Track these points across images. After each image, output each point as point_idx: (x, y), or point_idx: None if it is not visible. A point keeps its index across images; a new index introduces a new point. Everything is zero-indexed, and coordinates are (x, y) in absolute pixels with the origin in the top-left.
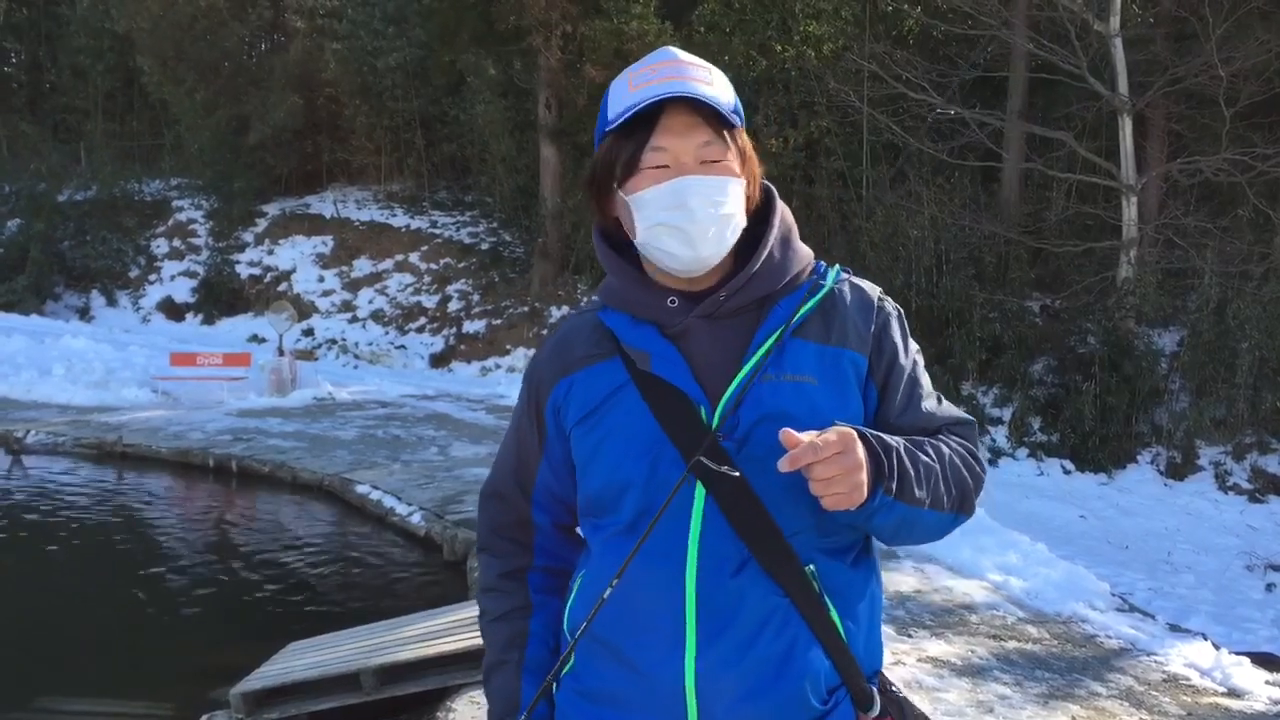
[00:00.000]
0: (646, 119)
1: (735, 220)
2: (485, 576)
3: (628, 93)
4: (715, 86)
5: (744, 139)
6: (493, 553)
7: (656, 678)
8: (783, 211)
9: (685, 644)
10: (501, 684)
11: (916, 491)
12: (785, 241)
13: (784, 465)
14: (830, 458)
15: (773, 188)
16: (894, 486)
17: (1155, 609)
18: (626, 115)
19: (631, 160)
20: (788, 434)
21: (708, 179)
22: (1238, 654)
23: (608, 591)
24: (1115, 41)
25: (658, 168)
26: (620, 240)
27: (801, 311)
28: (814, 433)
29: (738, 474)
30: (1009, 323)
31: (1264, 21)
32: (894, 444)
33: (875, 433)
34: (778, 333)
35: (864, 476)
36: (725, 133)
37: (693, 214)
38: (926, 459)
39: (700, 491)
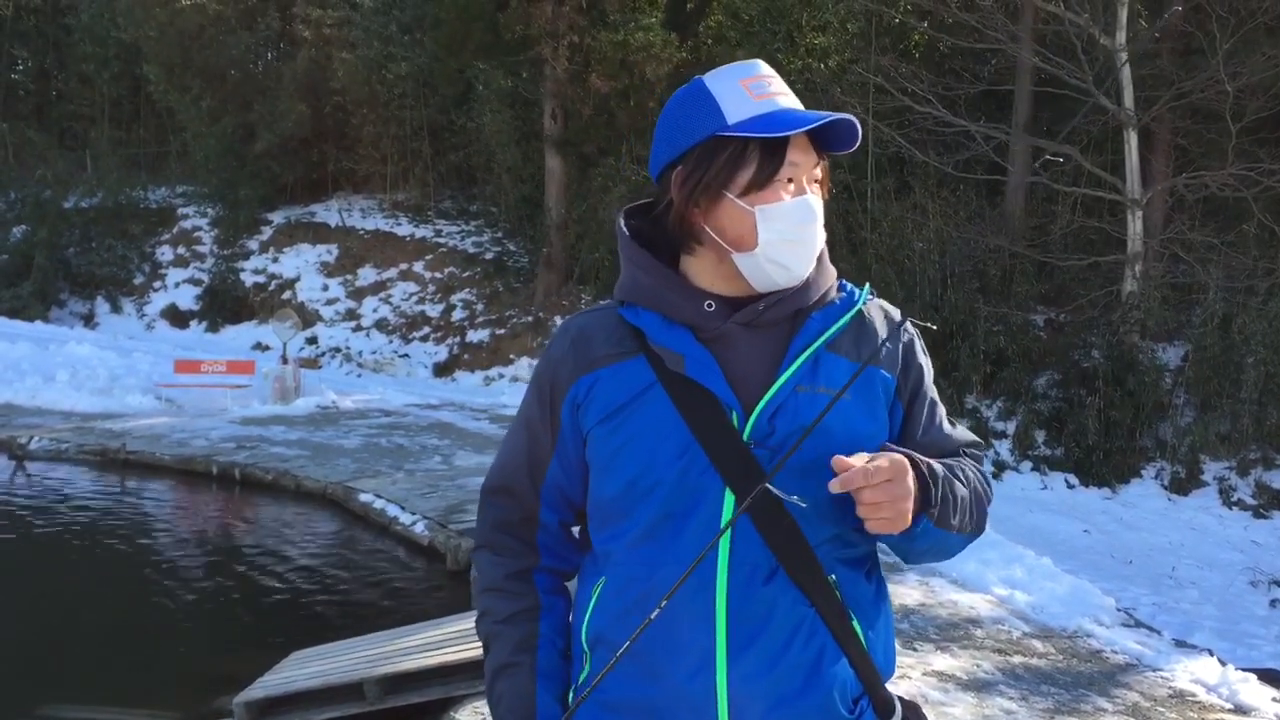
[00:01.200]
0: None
1: None
2: (489, 576)
3: (749, 100)
4: None
5: (825, 165)
6: (495, 550)
7: (687, 687)
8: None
9: (716, 653)
10: (513, 687)
11: (953, 519)
12: (819, 259)
13: (835, 486)
14: (880, 485)
15: None
16: (936, 514)
17: (1159, 624)
18: (791, 129)
19: (769, 171)
20: (839, 459)
21: (821, 201)
22: (1243, 670)
23: (655, 613)
24: (1121, 56)
25: (789, 182)
26: (648, 240)
27: (836, 327)
28: (865, 456)
29: (805, 504)
30: (1013, 336)
31: (1271, 37)
32: (940, 472)
33: (926, 459)
34: (813, 346)
35: (910, 505)
36: (821, 161)
37: (816, 233)
38: (962, 486)
39: (730, 500)
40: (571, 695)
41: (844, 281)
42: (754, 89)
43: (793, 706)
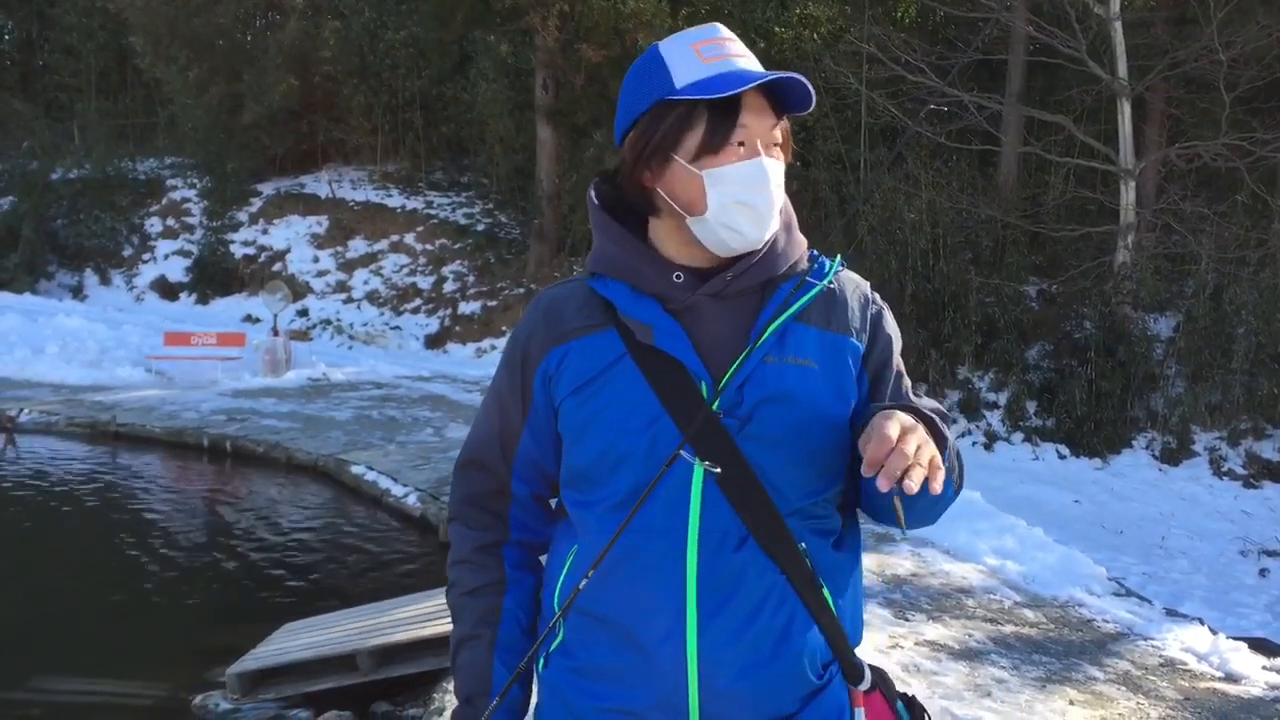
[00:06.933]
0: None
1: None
2: (459, 548)
3: (699, 63)
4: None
5: (786, 127)
6: (467, 524)
7: (658, 653)
8: (786, 200)
9: (686, 619)
10: (472, 660)
11: (951, 461)
12: (788, 229)
13: (869, 469)
14: (903, 438)
15: None
16: (949, 449)
17: (1149, 594)
18: (733, 89)
19: (718, 135)
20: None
21: (778, 164)
22: (1234, 639)
23: (583, 583)
24: (1115, 25)
25: (739, 145)
26: (617, 210)
27: (807, 298)
28: (875, 436)
29: (718, 470)
30: (1005, 307)
31: (1265, 5)
32: (931, 414)
33: (913, 406)
34: (783, 316)
35: (934, 446)
36: (782, 121)
37: (769, 196)
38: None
39: (699, 469)
40: (542, 662)
41: (814, 251)
42: (705, 51)
43: (762, 672)
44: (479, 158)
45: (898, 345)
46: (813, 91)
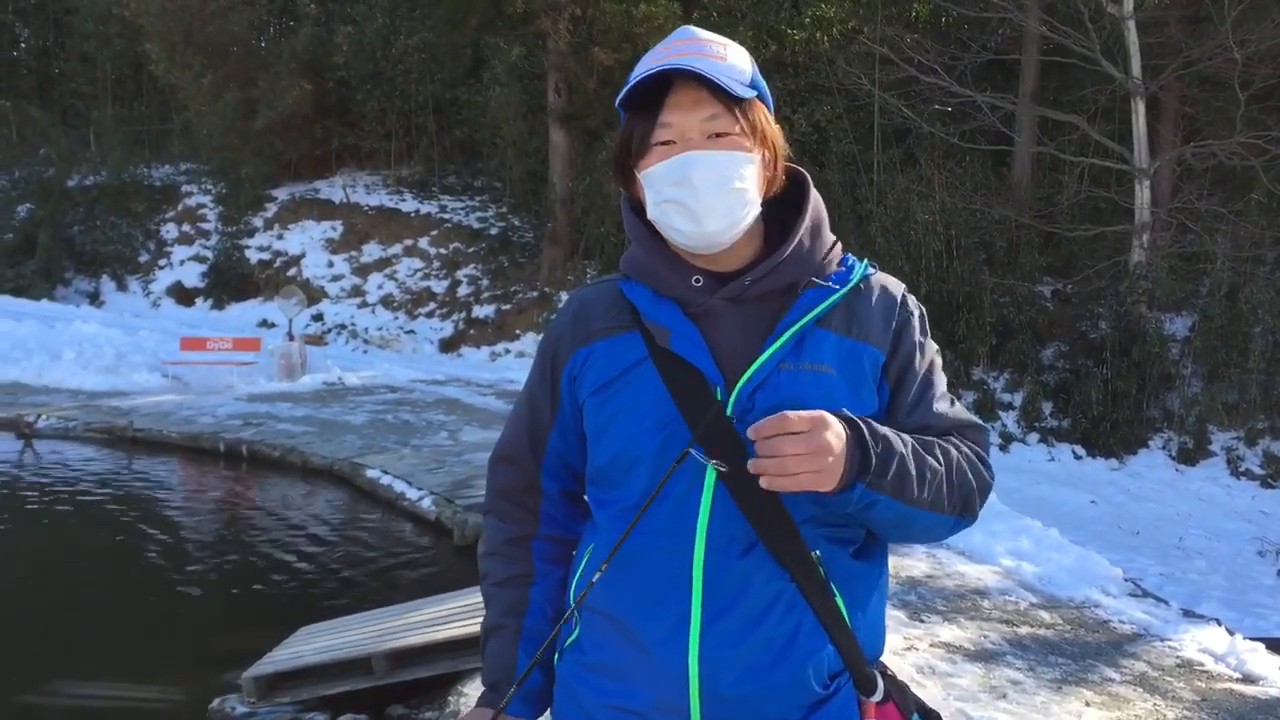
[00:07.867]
0: (657, 96)
1: (747, 196)
2: (490, 540)
3: (641, 69)
4: (729, 60)
5: (758, 114)
6: (499, 516)
7: (660, 653)
8: (816, 200)
9: (690, 621)
10: (498, 649)
11: (917, 491)
12: (816, 230)
13: (751, 433)
14: (793, 435)
15: (807, 175)
16: (886, 484)
17: (1166, 594)
18: (625, 92)
19: (642, 138)
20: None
21: (713, 154)
22: (1251, 639)
23: (596, 575)
24: (1128, 24)
25: (664, 144)
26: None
27: (826, 304)
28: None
29: (725, 469)
30: (1020, 308)
31: (1279, 4)
32: (896, 443)
33: (878, 429)
34: (801, 322)
35: (831, 461)
36: (735, 107)
37: (696, 190)
38: (933, 460)
39: (711, 473)
40: (558, 657)
41: (848, 255)
42: (650, 58)
43: (764, 678)
44: (492, 161)
45: (927, 352)
46: (708, 75)
